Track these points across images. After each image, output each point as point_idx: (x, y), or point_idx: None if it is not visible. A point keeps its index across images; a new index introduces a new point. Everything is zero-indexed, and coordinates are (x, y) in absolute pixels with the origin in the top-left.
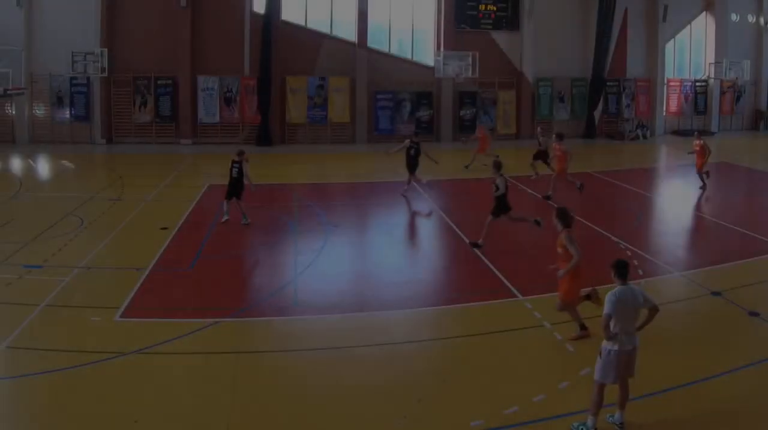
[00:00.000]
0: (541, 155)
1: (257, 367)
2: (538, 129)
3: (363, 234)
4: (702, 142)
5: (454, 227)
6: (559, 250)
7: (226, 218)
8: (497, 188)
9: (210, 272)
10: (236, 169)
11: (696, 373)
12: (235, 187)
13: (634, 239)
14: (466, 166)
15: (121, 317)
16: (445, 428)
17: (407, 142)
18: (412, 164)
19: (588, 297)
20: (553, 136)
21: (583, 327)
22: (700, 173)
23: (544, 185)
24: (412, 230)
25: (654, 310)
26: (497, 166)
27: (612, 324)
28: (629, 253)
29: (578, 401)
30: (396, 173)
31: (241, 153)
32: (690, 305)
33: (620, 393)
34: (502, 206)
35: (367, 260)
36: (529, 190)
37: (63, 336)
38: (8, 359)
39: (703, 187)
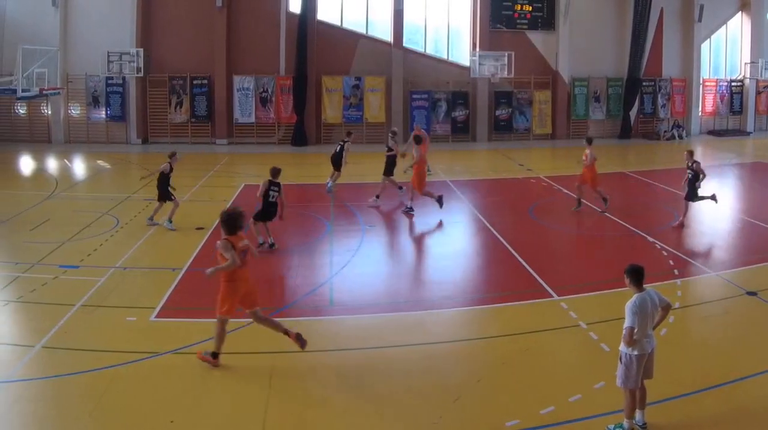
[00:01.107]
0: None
1: (293, 367)
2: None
3: (398, 234)
4: (590, 151)
5: (489, 226)
6: (219, 257)
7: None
8: (389, 149)
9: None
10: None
11: (731, 373)
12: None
13: (669, 239)
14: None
15: (156, 317)
16: (480, 428)
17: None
18: (335, 163)
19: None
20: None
21: (215, 355)
22: (596, 190)
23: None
24: (447, 230)
25: (667, 308)
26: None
27: (635, 333)
28: (665, 253)
29: (614, 402)
30: (432, 173)
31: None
32: (725, 305)
33: (639, 394)
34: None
35: (403, 260)
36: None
37: (98, 336)
38: (44, 359)
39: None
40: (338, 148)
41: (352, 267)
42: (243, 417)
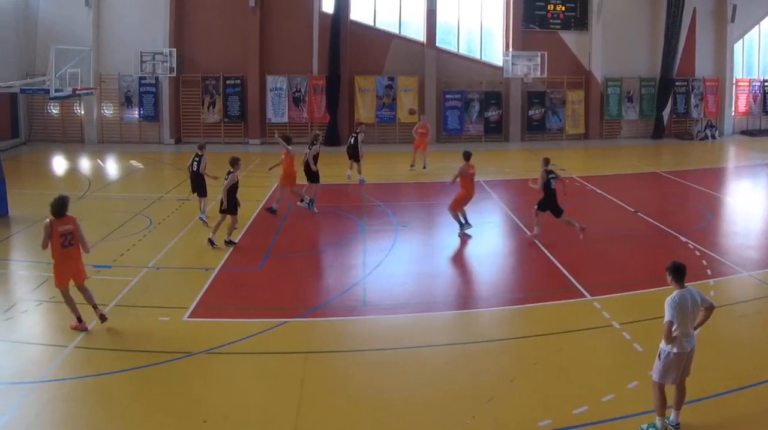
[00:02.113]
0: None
1: (325, 367)
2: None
3: (432, 234)
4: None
5: (522, 226)
6: None
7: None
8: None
9: (279, 272)
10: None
11: (764, 373)
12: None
13: (703, 238)
14: (412, 166)
15: (189, 317)
16: (513, 428)
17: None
18: (353, 155)
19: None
20: None
21: (79, 320)
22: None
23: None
24: (480, 230)
25: (710, 309)
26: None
27: (673, 329)
28: (698, 253)
29: (647, 401)
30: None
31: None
32: (758, 305)
33: (677, 394)
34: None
35: (436, 260)
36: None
37: (131, 336)
38: (76, 359)
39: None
40: (353, 140)
41: (385, 267)
42: (275, 417)
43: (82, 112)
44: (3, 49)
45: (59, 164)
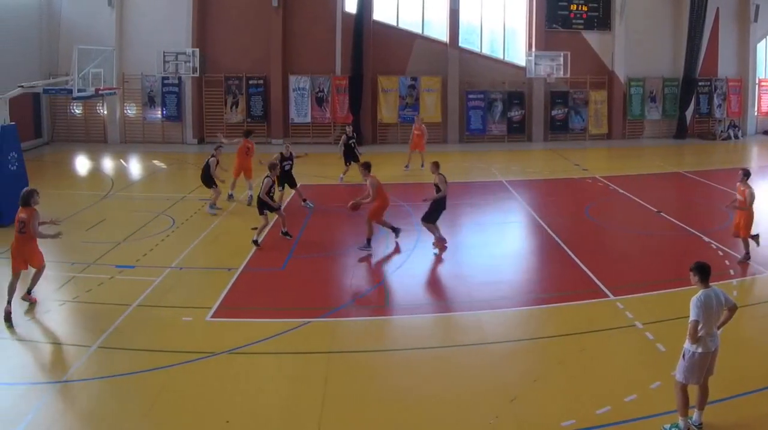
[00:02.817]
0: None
1: (348, 367)
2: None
3: (454, 234)
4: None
5: (546, 226)
6: None
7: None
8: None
9: (301, 272)
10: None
11: None
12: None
13: (725, 239)
14: (406, 166)
15: (212, 317)
16: (536, 428)
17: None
18: (353, 157)
19: None
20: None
21: (29, 292)
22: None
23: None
24: (503, 230)
25: (733, 309)
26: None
27: (699, 329)
28: (720, 253)
29: (670, 401)
30: (488, 173)
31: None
32: None
33: (700, 394)
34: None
35: (459, 260)
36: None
37: (154, 336)
38: (100, 359)
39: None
40: (353, 143)
41: (408, 267)
42: (298, 417)
43: (105, 112)
44: (26, 49)
45: (82, 164)
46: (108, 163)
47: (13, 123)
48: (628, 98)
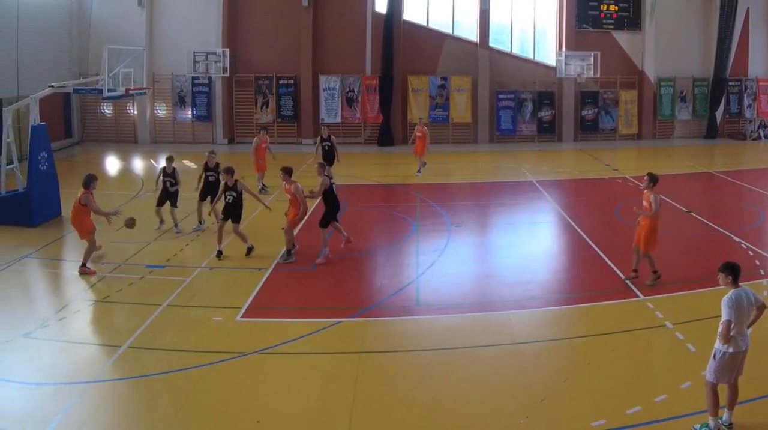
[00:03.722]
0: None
1: (379, 367)
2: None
3: (485, 234)
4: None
5: (576, 226)
6: None
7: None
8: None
9: (332, 272)
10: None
11: None
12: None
13: (756, 238)
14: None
15: (242, 317)
16: (566, 428)
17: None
18: (330, 160)
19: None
20: None
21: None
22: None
23: None
24: (534, 230)
25: (762, 308)
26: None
27: (731, 328)
28: (751, 253)
29: (700, 401)
30: (518, 173)
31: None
32: None
33: (730, 394)
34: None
35: (489, 260)
36: None
37: (184, 336)
38: (130, 360)
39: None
40: (327, 146)
41: (438, 267)
42: (329, 417)
43: (135, 112)
44: (57, 49)
45: (112, 164)
46: (138, 163)
47: (43, 123)
48: (658, 98)
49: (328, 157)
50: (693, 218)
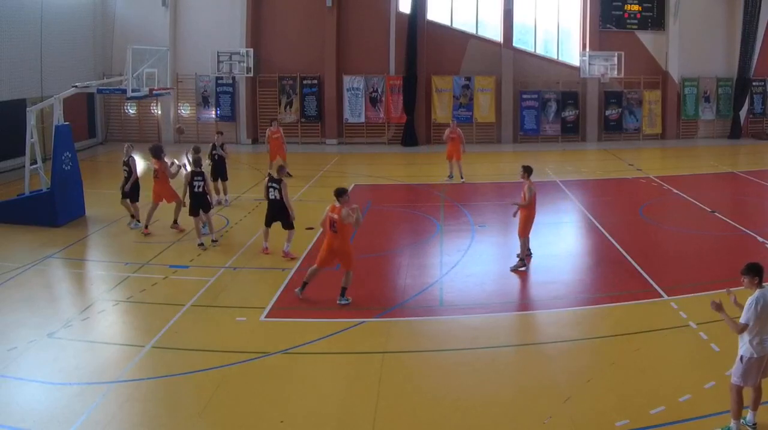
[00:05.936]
0: None
1: (402, 367)
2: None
3: (509, 234)
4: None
5: (600, 227)
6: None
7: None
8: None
9: (356, 272)
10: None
11: None
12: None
13: None
14: (450, 177)
15: (266, 317)
16: (590, 428)
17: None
18: (221, 173)
19: None
20: None
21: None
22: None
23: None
24: (557, 230)
25: None
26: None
27: (752, 329)
28: None
29: (725, 402)
30: (542, 173)
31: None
32: None
33: (753, 395)
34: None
35: (513, 260)
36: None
37: (208, 336)
38: (154, 359)
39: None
40: (216, 157)
41: (462, 267)
42: (353, 417)
43: (159, 112)
44: (80, 49)
45: (136, 164)
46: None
47: (67, 123)
48: (682, 98)
49: (220, 169)
50: (717, 217)
